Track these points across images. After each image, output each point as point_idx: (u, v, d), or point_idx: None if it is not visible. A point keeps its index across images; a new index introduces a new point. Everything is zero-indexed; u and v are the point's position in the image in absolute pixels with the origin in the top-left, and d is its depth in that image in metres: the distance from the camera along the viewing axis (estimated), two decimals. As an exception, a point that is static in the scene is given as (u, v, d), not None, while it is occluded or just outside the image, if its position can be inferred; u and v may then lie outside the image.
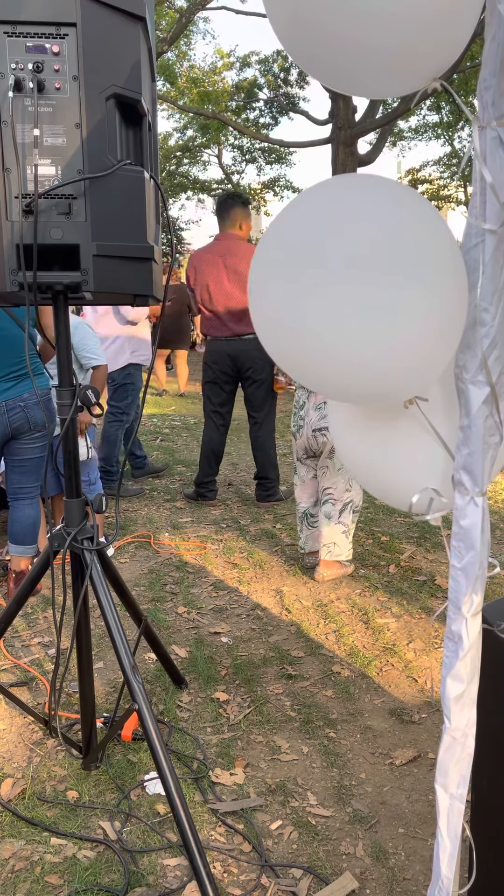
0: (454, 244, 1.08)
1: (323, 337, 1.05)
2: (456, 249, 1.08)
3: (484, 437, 1.15)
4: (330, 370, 1.08)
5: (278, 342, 1.12)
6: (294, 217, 1.08)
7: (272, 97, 17.36)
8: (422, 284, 1.02)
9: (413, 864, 1.80)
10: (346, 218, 1.03)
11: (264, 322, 1.13)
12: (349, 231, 1.02)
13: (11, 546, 3.17)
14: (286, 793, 2.04)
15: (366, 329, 1.02)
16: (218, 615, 3.14)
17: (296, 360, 1.12)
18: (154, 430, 7.17)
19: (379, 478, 1.32)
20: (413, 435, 1.25)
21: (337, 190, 1.08)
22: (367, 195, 1.05)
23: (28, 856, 1.81)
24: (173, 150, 21.03)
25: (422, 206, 1.06)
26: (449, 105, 16.65)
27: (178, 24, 8.91)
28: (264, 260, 1.10)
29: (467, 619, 1.20)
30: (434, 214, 1.07)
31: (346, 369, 1.07)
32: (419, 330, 1.04)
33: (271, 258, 1.09)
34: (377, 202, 1.04)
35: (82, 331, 3.51)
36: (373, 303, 1.01)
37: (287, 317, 1.07)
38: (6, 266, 1.57)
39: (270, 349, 1.16)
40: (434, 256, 1.03)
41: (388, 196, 1.05)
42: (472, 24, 1.04)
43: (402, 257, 1.01)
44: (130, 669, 1.75)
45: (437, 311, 1.04)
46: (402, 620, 3.07)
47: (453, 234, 1.08)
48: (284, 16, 1.06)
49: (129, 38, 1.55)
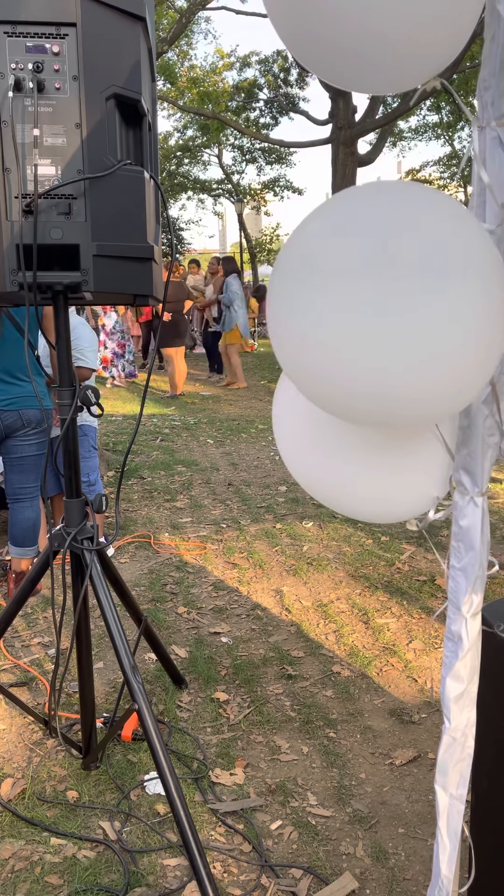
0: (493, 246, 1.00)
1: (359, 352, 0.94)
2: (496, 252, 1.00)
3: (483, 437, 1.15)
4: (363, 389, 0.98)
5: (304, 361, 1.02)
6: (325, 222, 1.00)
7: (272, 97, 17.36)
8: (470, 290, 0.94)
9: (413, 864, 1.79)
10: (385, 220, 0.95)
11: (288, 337, 1.03)
12: (390, 237, 0.94)
13: (12, 548, 3.17)
14: (286, 793, 2.04)
15: (410, 342, 0.93)
16: (218, 615, 3.14)
17: (324, 382, 1.00)
18: (154, 430, 7.17)
19: (373, 493, 1.24)
20: (415, 445, 1.22)
21: (367, 196, 1.00)
22: (401, 199, 0.98)
23: (28, 856, 1.81)
24: (173, 150, 21.04)
25: (455, 207, 0.99)
26: (449, 105, 16.65)
27: (178, 24, 8.89)
28: (287, 270, 1.02)
29: (467, 620, 1.20)
30: (467, 215, 1.00)
31: (382, 389, 0.96)
32: (467, 341, 0.95)
33: (295, 268, 1.00)
34: (412, 206, 0.97)
35: (78, 331, 3.51)
36: (415, 311, 0.92)
37: (318, 332, 0.97)
38: (6, 266, 1.57)
39: (293, 370, 1.05)
40: (479, 260, 0.95)
41: (424, 200, 0.98)
42: (472, 22, 1.04)
43: (446, 261, 0.93)
44: (130, 669, 1.75)
45: (488, 317, 0.95)
46: (402, 620, 3.06)
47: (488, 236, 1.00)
48: (285, 12, 1.06)
49: (129, 38, 1.55)
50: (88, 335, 3.55)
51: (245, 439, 6.77)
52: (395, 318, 0.93)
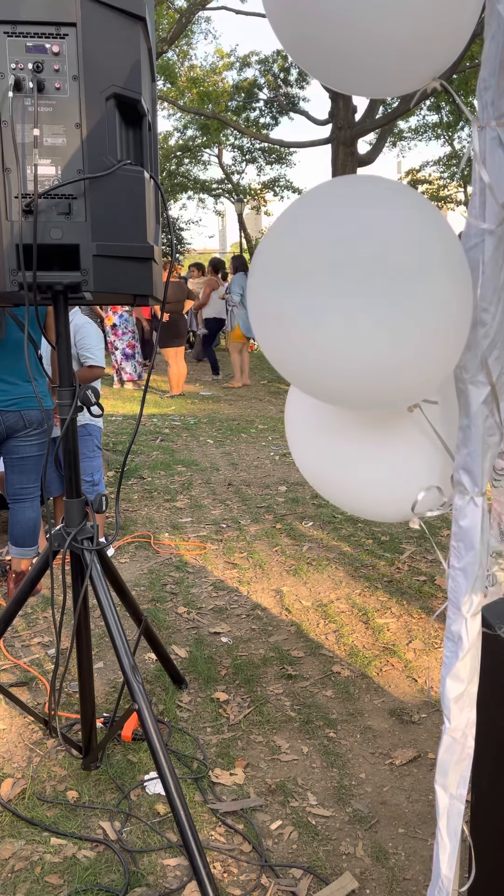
0: (457, 240, 1.07)
1: (331, 338, 1.03)
2: (459, 245, 1.07)
3: (483, 437, 1.15)
4: (339, 372, 1.06)
5: (281, 348, 1.10)
6: (295, 220, 1.06)
7: (272, 97, 17.37)
8: (434, 281, 1.00)
9: (413, 864, 1.79)
10: (349, 218, 1.02)
11: (267, 326, 1.10)
12: (357, 231, 1.00)
13: (12, 548, 3.17)
14: (286, 793, 2.04)
15: (380, 329, 1.00)
16: (218, 615, 3.14)
17: (302, 366, 1.09)
18: (154, 430, 7.17)
19: (371, 489, 1.29)
20: (412, 438, 1.24)
21: (337, 191, 1.07)
22: (366, 196, 1.04)
23: (28, 856, 1.81)
24: (173, 150, 21.04)
25: (421, 202, 1.05)
26: (449, 105, 16.65)
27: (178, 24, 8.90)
28: (266, 263, 1.08)
29: (467, 620, 1.20)
30: (433, 210, 1.07)
31: (360, 371, 1.05)
32: (434, 328, 1.02)
33: (274, 262, 1.06)
34: (377, 203, 1.03)
35: (86, 330, 3.51)
36: (387, 302, 0.99)
37: (294, 323, 1.05)
38: (6, 266, 1.57)
39: (274, 355, 1.13)
40: (443, 253, 1.02)
41: (388, 196, 1.04)
42: (472, 23, 1.04)
43: (411, 257, 0.99)
44: (130, 669, 1.75)
45: (453, 306, 1.02)
46: (402, 620, 3.06)
47: (453, 230, 1.08)
48: (284, 15, 1.06)
49: (129, 38, 1.55)
50: (95, 333, 3.56)
51: (245, 439, 6.77)
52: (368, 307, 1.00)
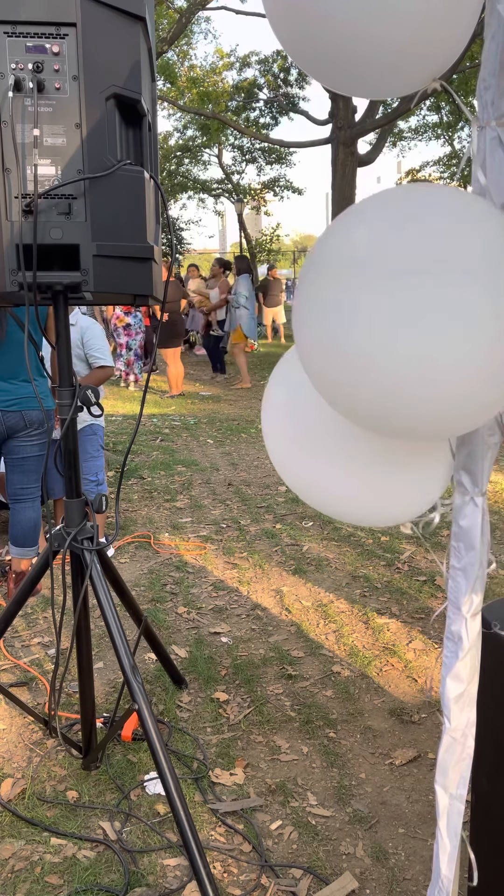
0: None
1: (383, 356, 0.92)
2: None
3: (483, 437, 1.15)
4: (388, 396, 0.96)
5: (331, 367, 0.99)
6: (350, 227, 0.99)
7: (272, 97, 17.37)
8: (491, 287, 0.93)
9: (413, 864, 1.79)
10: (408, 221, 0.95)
11: (316, 344, 1.00)
12: (414, 238, 0.93)
13: (12, 548, 3.17)
14: (286, 793, 2.04)
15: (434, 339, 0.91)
16: (218, 615, 3.14)
17: (353, 386, 0.99)
18: (154, 430, 7.17)
19: (374, 497, 1.23)
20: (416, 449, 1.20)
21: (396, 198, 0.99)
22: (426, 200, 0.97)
23: (28, 856, 1.81)
24: (173, 150, 21.05)
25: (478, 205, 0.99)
26: (449, 105, 16.65)
27: (178, 24, 8.91)
28: (315, 275, 1.00)
29: (467, 620, 1.20)
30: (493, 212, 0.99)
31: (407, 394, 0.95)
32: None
33: (325, 273, 0.98)
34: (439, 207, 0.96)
35: (92, 331, 3.52)
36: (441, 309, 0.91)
37: (349, 336, 0.94)
38: (6, 266, 1.57)
39: (319, 377, 1.03)
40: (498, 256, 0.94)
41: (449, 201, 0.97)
42: (472, 23, 1.04)
43: (468, 260, 0.92)
44: (130, 669, 1.75)
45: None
46: (402, 620, 3.06)
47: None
48: (283, 15, 1.06)
49: (129, 38, 1.55)
50: (101, 334, 3.56)
51: (245, 439, 6.77)
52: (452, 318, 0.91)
